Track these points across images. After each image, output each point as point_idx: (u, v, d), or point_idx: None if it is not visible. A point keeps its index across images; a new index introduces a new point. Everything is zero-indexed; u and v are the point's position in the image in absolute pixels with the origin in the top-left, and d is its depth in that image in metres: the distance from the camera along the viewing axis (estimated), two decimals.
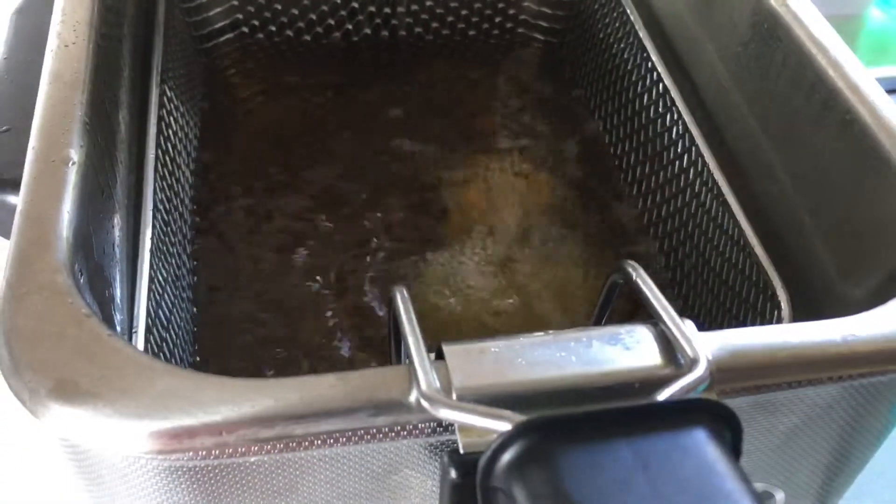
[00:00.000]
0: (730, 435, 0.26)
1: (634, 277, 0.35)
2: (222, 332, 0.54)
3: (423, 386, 0.29)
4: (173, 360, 0.48)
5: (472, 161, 0.66)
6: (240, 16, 0.72)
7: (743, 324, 0.50)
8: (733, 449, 0.27)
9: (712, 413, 0.26)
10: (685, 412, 0.26)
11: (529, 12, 0.75)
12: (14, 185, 0.45)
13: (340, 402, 0.30)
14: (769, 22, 0.50)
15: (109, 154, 0.44)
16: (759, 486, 0.39)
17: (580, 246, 0.60)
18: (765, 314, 0.48)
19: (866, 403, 0.36)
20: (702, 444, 0.25)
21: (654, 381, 0.30)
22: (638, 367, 0.31)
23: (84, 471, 0.33)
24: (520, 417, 0.27)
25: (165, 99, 0.57)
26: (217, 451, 0.29)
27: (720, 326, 0.52)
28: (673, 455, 0.25)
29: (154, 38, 0.59)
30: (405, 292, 0.35)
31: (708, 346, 0.31)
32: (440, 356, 0.32)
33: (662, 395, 0.28)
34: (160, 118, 0.55)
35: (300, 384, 0.30)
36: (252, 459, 0.30)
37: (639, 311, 0.43)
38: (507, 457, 0.26)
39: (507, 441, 0.26)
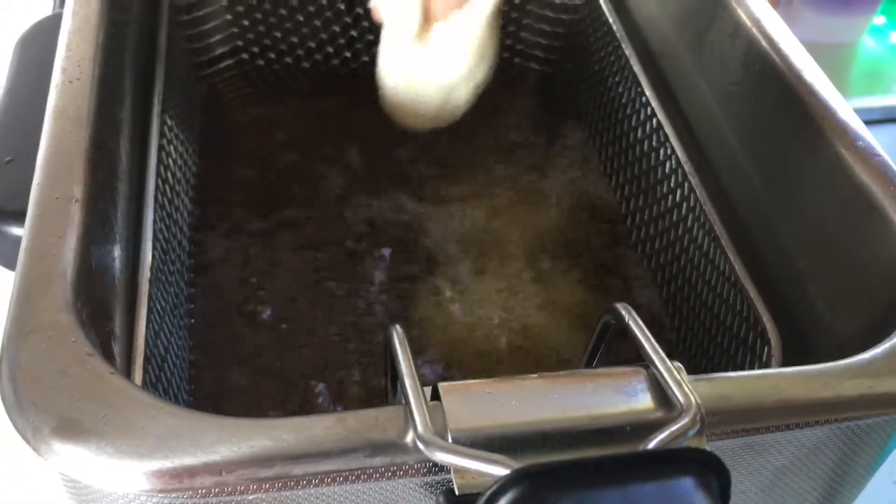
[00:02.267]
0: (717, 483, 0.27)
1: (627, 319, 0.36)
2: (219, 360, 0.55)
3: (420, 428, 0.30)
4: (170, 390, 0.49)
5: (467, 191, 0.67)
6: (240, 42, 0.73)
7: (734, 359, 0.50)
8: (721, 495, 0.27)
9: (700, 462, 0.27)
10: (674, 460, 0.27)
11: (526, 42, 0.76)
12: (17, 217, 0.46)
13: (337, 443, 0.31)
14: (761, 63, 0.51)
15: (111, 186, 0.45)
16: None
17: (572, 279, 0.61)
18: (755, 350, 0.49)
19: (852, 444, 0.37)
20: (690, 492, 0.26)
21: (645, 425, 0.31)
22: (629, 410, 0.32)
23: None
24: (514, 462, 0.28)
25: (166, 128, 0.57)
26: (216, 490, 0.30)
27: (712, 360, 0.53)
28: (662, 503, 0.25)
29: (156, 66, 0.59)
30: (401, 331, 0.35)
31: (698, 390, 0.32)
32: (436, 396, 0.32)
33: (654, 441, 0.29)
34: (160, 147, 0.55)
35: (298, 425, 0.31)
36: (250, 498, 0.31)
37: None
38: (501, 503, 0.26)
39: (501, 488, 0.26)
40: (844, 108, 0.46)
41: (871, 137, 0.44)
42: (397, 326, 0.35)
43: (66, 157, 0.40)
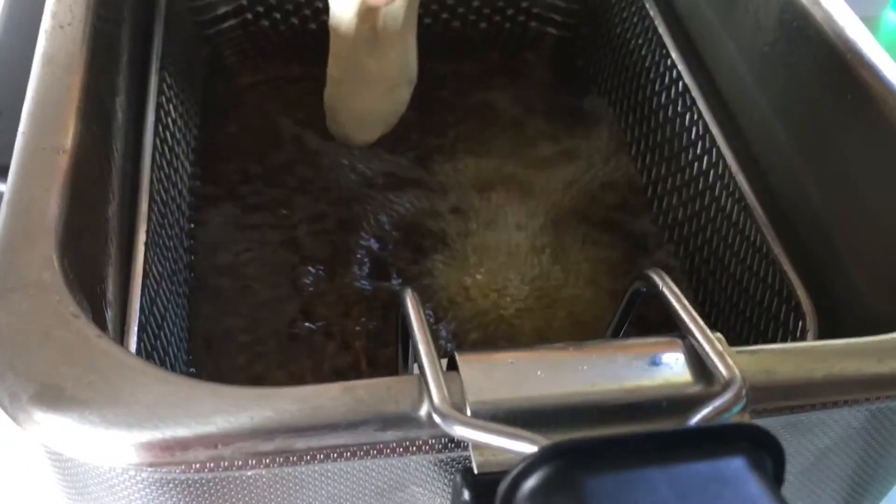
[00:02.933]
0: (772, 464, 0.24)
1: (661, 287, 0.33)
2: (218, 329, 0.52)
3: (436, 400, 0.27)
4: (167, 359, 0.46)
5: (481, 159, 0.64)
6: (244, 2, 0.70)
7: (765, 334, 0.48)
8: (775, 477, 0.24)
9: (752, 439, 0.24)
10: (723, 438, 0.24)
11: (542, 5, 0.73)
12: (4, 172, 0.43)
13: (345, 415, 0.28)
14: (799, 20, 0.47)
15: (104, 142, 0.42)
16: None
17: (590, 248, 0.58)
18: (787, 325, 0.46)
19: None
20: (743, 474, 0.23)
21: (683, 400, 0.28)
22: (665, 384, 0.29)
23: (68, 480, 0.31)
24: (540, 438, 0.25)
25: (165, 86, 0.54)
26: (211, 465, 0.27)
27: (739, 336, 0.50)
28: (712, 485, 0.23)
29: (154, 24, 0.57)
30: (414, 295, 0.32)
31: (741, 363, 0.29)
32: (452, 366, 0.30)
33: (695, 417, 0.26)
34: (159, 105, 0.52)
35: (302, 394, 0.28)
36: (249, 473, 0.28)
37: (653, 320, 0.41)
38: (530, 483, 0.24)
39: (530, 466, 0.24)
40: (889, 66, 0.43)
41: None
42: (410, 290, 0.33)
43: (55, 106, 0.37)
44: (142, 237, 0.45)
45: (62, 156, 0.35)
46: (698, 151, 0.55)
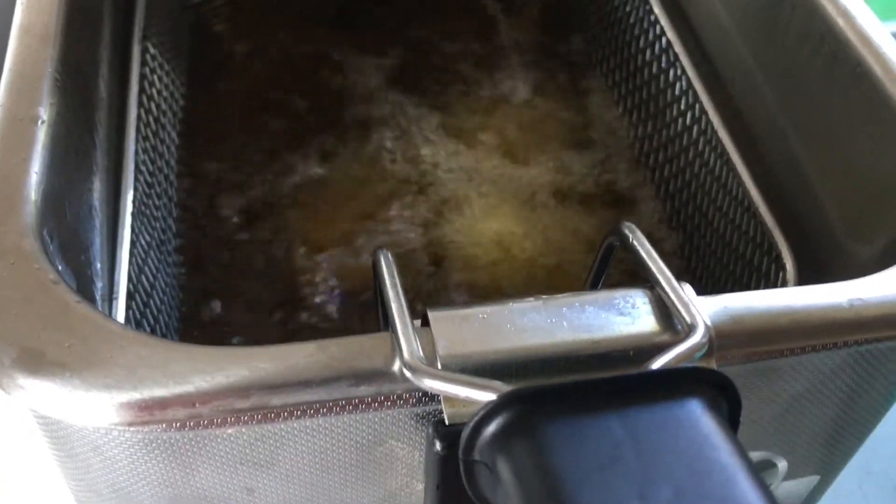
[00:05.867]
0: (727, 405, 0.25)
1: (631, 240, 0.33)
2: (209, 297, 0.53)
3: (406, 354, 0.28)
4: (157, 327, 0.47)
5: (470, 117, 0.64)
6: None
7: (747, 286, 0.48)
8: (730, 420, 0.25)
9: (708, 382, 0.25)
10: (679, 382, 0.25)
11: None
12: None
13: (319, 372, 0.28)
14: None
15: (86, 113, 0.42)
16: (760, 454, 0.38)
17: (578, 205, 0.58)
18: (769, 276, 0.46)
19: (871, 370, 0.35)
20: (696, 415, 0.24)
21: (650, 349, 0.29)
22: (632, 333, 0.29)
23: (56, 442, 0.32)
24: (502, 386, 0.26)
25: (148, 56, 0.55)
26: (191, 423, 0.28)
27: (724, 289, 0.50)
28: (665, 427, 0.23)
29: None
30: (389, 255, 0.33)
31: (707, 311, 0.30)
32: (426, 323, 0.30)
33: (657, 363, 0.27)
34: (142, 76, 0.53)
35: (276, 353, 0.29)
36: (229, 431, 0.29)
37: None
38: (490, 429, 0.24)
39: (489, 413, 0.24)
40: (867, 15, 0.43)
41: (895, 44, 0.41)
42: (385, 251, 0.33)
43: (32, 77, 0.37)
44: (128, 207, 0.46)
45: (40, 126, 0.35)
46: (682, 107, 0.55)
